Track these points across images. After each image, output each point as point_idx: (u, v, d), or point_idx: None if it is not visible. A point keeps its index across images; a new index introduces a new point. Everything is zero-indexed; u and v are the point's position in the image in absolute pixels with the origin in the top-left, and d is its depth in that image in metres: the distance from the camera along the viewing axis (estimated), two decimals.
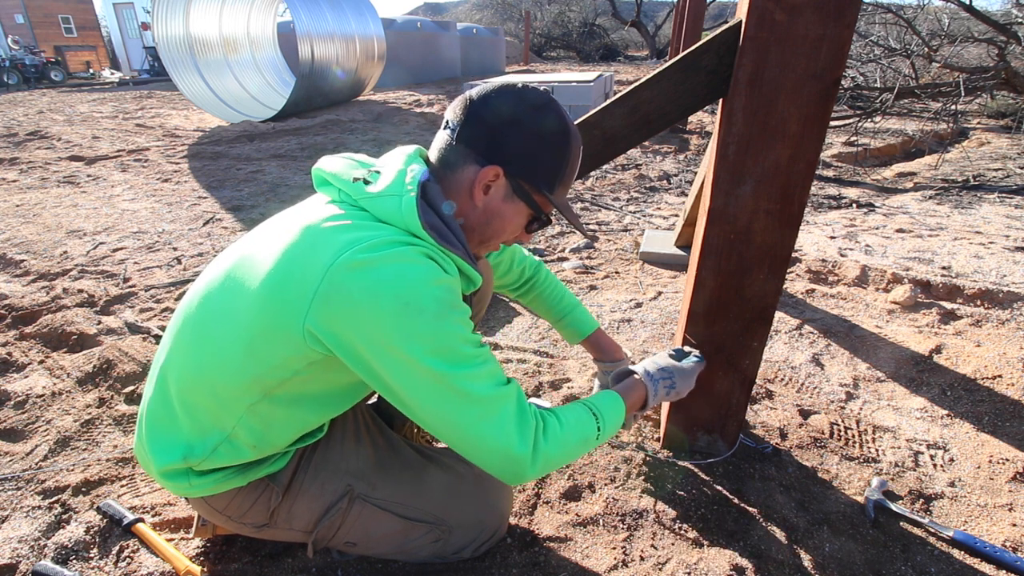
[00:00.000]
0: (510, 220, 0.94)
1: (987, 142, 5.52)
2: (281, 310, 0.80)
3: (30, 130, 6.46)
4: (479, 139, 0.88)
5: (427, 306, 0.78)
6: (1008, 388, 1.77)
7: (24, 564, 1.19)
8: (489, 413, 0.84)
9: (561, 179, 0.93)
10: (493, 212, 0.92)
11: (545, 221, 0.97)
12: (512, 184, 0.90)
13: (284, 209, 0.99)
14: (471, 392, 0.82)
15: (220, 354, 0.87)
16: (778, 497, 1.35)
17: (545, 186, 0.92)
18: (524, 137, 0.88)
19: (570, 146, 0.92)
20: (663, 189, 4.22)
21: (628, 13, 21.40)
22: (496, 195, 0.91)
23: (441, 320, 0.79)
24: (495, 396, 0.84)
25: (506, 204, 0.92)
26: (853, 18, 0.97)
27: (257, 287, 0.82)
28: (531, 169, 0.90)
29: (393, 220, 0.83)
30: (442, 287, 0.80)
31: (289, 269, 0.81)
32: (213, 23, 8.18)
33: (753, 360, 1.32)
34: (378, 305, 0.76)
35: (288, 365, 0.85)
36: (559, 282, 1.42)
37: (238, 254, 0.90)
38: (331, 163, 0.93)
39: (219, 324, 0.88)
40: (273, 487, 1.01)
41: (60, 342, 2.09)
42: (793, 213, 1.14)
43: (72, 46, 17.88)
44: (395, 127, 6.77)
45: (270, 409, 0.90)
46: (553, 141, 0.90)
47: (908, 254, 2.80)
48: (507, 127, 0.87)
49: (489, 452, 0.85)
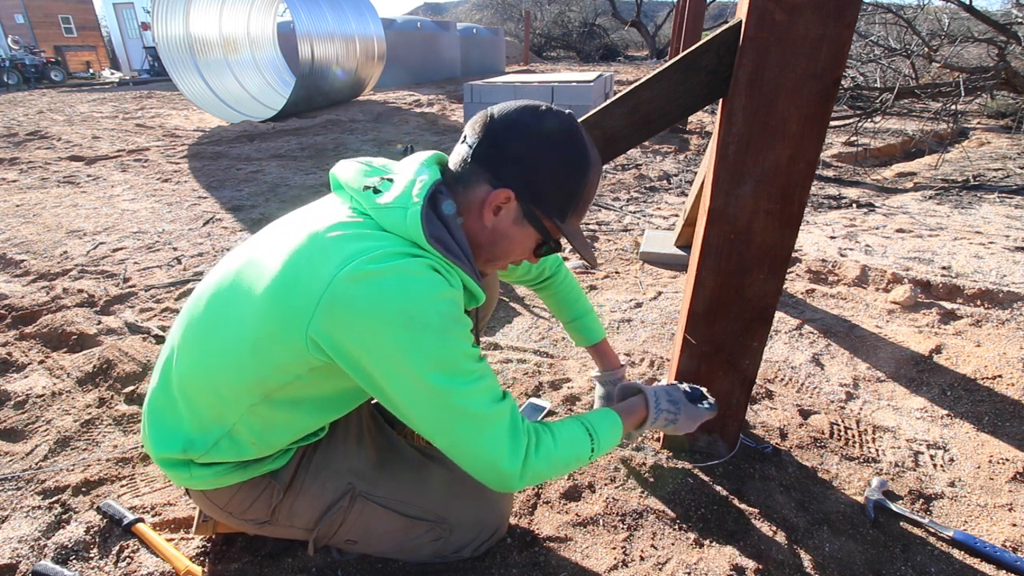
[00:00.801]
0: (518, 243, 0.93)
1: (987, 142, 5.52)
2: (285, 316, 0.81)
3: (30, 130, 6.46)
4: (493, 160, 0.87)
5: (430, 321, 0.78)
6: (1008, 388, 1.77)
7: (24, 564, 1.19)
8: (483, 429, 0.84)
9: (575, 209, 0.92)
10: (501, 234, 0.91)
11: (554, 247, 0.95)
12: (523, 208, 0.89)
13: (285, 209, 0.99)
14: (467, 408, 0.82)
15: (224, 354, 0.88)
16: (778, 497, 1.35)
17: (557, 215, 0.90)
18: (539, 164, 0.87)
19: (587, 176, 0.90)
20: (663, 189, 4.22)
21: (628, 13, 21.40)
22: (506, 217, 0.89)
23: (443, 335, 0.79)
24: (489, 413, 0.85)
25: (515, 227, 0.91)
26: (853, 18, 0.98)
27: (263, 291, 0.83)
28: (544, 196, 0.89)
29: (398, 231, 0.82)
30: (446, 301, 0.80)
31: (294, 276, 0.81)
32: (213, 23, 8.18)
33: (753, 360, 1.32)
34: (381, 317, 0.76)
35: (290, 370, 0.85)
36: (577, 285, 1.43)
37: (247, 255, 0.91)
38: (346, 168, 0.92)
39: (225, 324, 0.88)
40: (275, 484, 1.01)
41: (60, 342, 2.09)
42: (793, 213, 1.14)
43: (72, 46, 17.87)
44: (395, 127, 6.77)
45: (270, 411, 0.91)
46: (569, 171, 0.88)
47: (908, 254, 2.80)
48: (523, 151, 0.86)
49: (480, 464, 0.86)
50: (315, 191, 4.04)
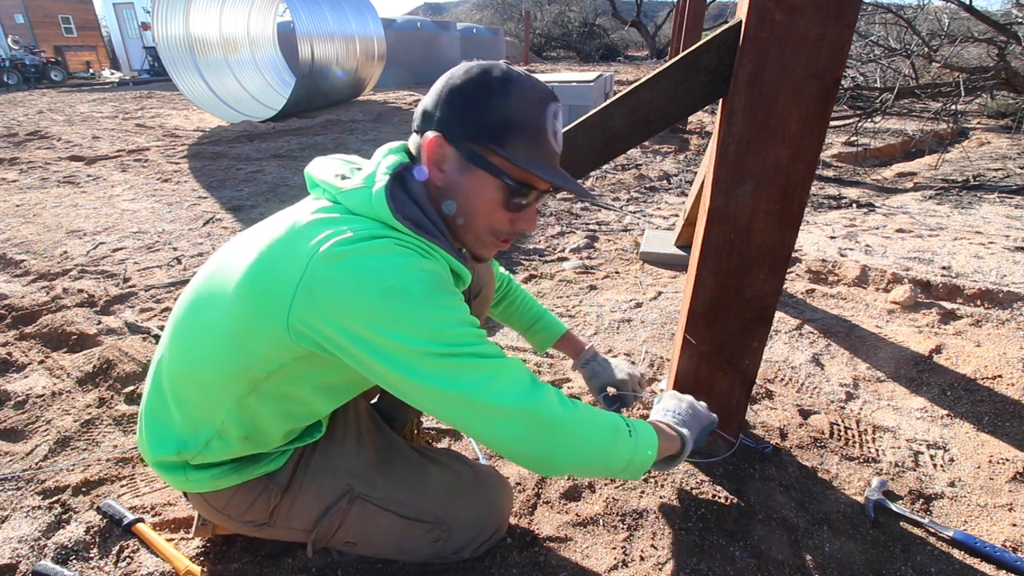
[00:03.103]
0: (477, 196, 0.85)
1: (987, 142, 5.52)
2: (263, 304, 0.80)
3: (30, 130, 6.46)
4: (424, 118, 0.86)
5: (411, 288, 0.75)
6: (1008, 388, 1.77)
7: (24, 564, 1.19)
8: (498, 374, 0.79)
9: (512, 128, 0.81)
10: (457, 191, 0.85)
11: (516, 189, 0.84)
12: (460, 150, 0.83)
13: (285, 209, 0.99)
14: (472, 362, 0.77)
15: (207, 346, 0.88)
16: (778, 497, 1.35)
17: (493, 140, 0.81)
18: (457, 96, 0.82)
19: (512, 94, 0.81)
20: (663, 189, 4.21)
21: (628, 13, 21.40)
22: (452, 169, 0.84)
23: (428, 303, 0.76)
24: (500, 362, 0.80)
25: (464, 177, 0.84)
26: (853, 18, 0.97)
27: (240, 279, 0.82)
28: (470, 122, 0.81)
29: (365, 212, 0.81)
30: (424, 270, 0.77)
31: (269, 263, 0.80)
32: (213, 23, 8.18)
33: (753, 360, 1.32)
34: (361, 293, 0.74)
35: (273, 358, 0.84)
36: (527, 292, 1.45)
37: (227, 252, 0.91)
38: (318, 164, 0.93)
39: (206, 318, 0.88)
40: (272, 486, 1.01)
41: (60, 342, 2.09)
42: (793, 213, 1.14)
43: (72, 46, 17.87)
44: (395, 127, 6.77)
45: (258, 403, 0.90)
46: (491, 91, 0.81)
47: (908, 254, 2.80)
48: (444, 87, 0.84)
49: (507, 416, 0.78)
50: None
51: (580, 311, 2.33)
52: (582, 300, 2.43)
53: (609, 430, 0.88)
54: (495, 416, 0.79)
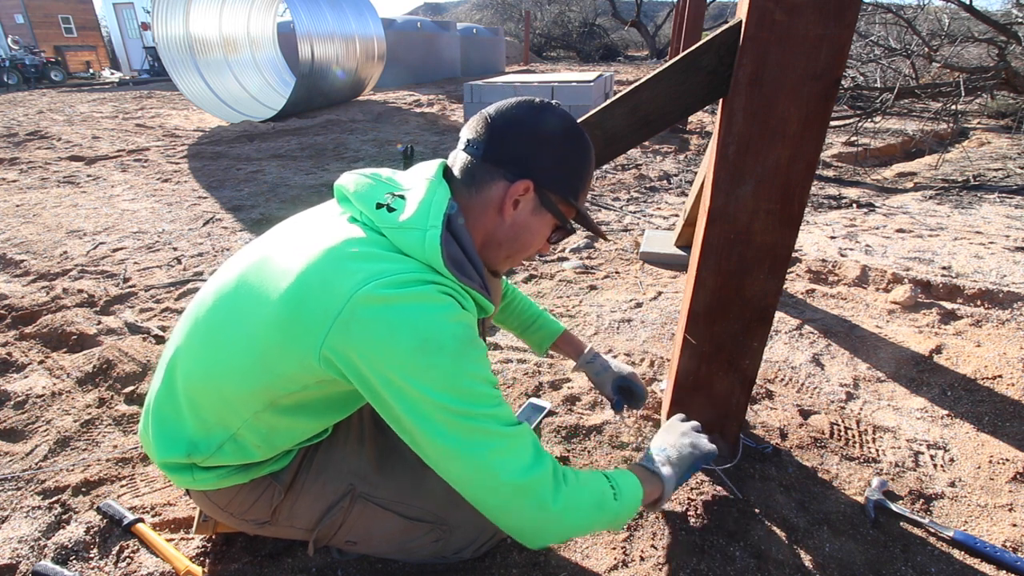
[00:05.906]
0: (536, 232, 0.95)
1: (987, 142, 5.52)
2: (298, 330, 0.80)
3: (30, 130, 6.46)
4: (503, 156, 0.89)
5: (446, 343, 0.77)
6: (1008, 388, 1.77)
7: (24, 564, 1.19)
8: (505, 444, 0.82)
9: (583, 184, 0.96)
10: (521, 226, 0.93)
11: (570, 230, 0.98)
12: (540, 196, 0.92)
13: (285, 208, 1.00)
14: (485, 427, 0.81)
15: (231, 360, 0.87)
16: (778, 497, 1.35)
17: (571, 194, 0.94)
18: (548, 150, 0.90)
19: (589, 153, 0.95)
20: (663, 189, 4.22)
21: (628, 13, 21.40)
22: (524, 209, 0.92)
23: (459, 358, 0.79)
24: (510, 432, 0.83)
25: (534, 217, 0.93)
26: (853, 18, 0.97)
27: (275, 302, 0.82)
28: (558, 178, 0.92)
29: (415, 254, 0.82)
30: (460, 324, 0.80)
31: (309, 290, 0.80)
32: (213, 23, 8.18)
33: (753, 360, 1.32)
34: (397, 340, 0.76)
35: (298, 380, 0.85)
36: (523, 294, 1.47)
37: (254, 260, 0.90)
38: (353, 182, 0.91)
39: (232, 331, 0.88)
40: (276, 485, 1.01)
41: (60, 342, 2.09)
42: (793, 213, 1.14)
43: (72, 46, 17.88)
44: (395, 127, 6.77)
45: (276, 417, 0.91)
46: (574, 151, 0.93)
47: (908, 254, 2.80)
48: (530, 142, 0.89)
49: (502, 487, 0.82)
50: (315, 191, 4.04)
51: (580, 311, 2.33)
52: (582, 300, 2.43)
53: (596, 507, 0.91)
54: (490, 484, 0.83)
